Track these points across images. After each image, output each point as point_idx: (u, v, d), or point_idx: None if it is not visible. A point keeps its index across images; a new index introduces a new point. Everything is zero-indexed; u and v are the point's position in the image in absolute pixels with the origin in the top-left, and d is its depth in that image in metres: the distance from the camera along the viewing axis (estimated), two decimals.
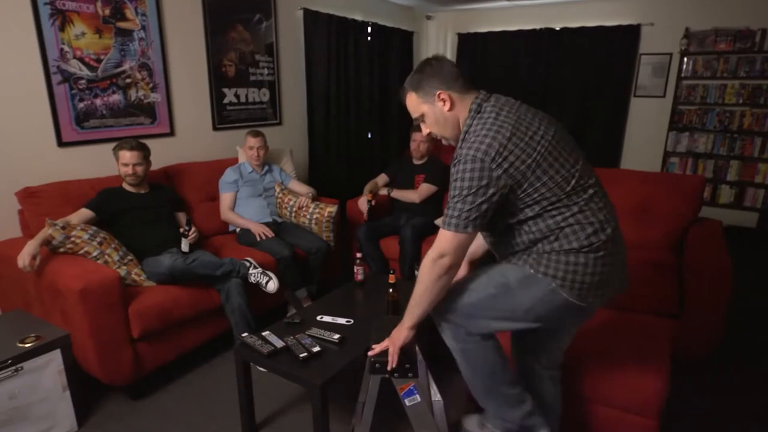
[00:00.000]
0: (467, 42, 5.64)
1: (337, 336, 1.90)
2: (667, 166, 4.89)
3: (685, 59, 4.62)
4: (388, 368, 1.50)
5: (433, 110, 1.45)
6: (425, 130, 1.53)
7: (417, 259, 3.11)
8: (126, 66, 2.87)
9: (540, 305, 1.40)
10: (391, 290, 2.08)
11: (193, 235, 2.58)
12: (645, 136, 4.98)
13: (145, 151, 2.57)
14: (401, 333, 1.50)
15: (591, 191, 1.36)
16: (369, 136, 5.02)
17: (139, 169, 2.54)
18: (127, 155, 2.50)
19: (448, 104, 1.42)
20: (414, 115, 1.51)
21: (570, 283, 1.35)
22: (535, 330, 1.51)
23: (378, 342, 1.58)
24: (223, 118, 3.54)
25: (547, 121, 1.39)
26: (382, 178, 3.54)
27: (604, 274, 1.36)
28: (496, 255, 1.57)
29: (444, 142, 1.53)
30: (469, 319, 1.51)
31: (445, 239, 1.37)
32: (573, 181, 1.34)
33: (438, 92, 1.42)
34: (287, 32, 3.97)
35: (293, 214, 3.17)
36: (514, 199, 1.34)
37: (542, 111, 1.45)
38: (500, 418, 1.64)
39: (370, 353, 1.56)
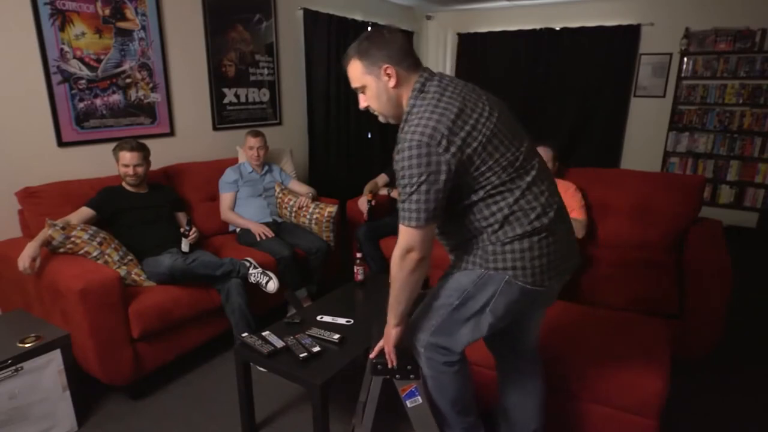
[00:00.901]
0: (467, 42, 5.64)
1: (337, 336, 1.90)
2: (667, 166, 4.89)
3: (685, 59, 4.62)
4: (389, 367, 1.50)
5: (376, 84, 1.36)
6: (362, 104, 1.44)
7: None
8: (126, 66, 2.87)
9: (501, 300, 1.38)
10: None
11: (193, 235, 2.58)
12: (645, 136, 4.98)
13: (145, 152, 2.57)
14: (389, 332, 1.50)
15: (534, 173, 1.34)
16: (369, 136, 5.02)
17: (140, 170, 2.54)
18: (127, 156, 2.50)
19: (393, 80, 1.34)
20: (354, 84, 1.40)
21: (522, 270, 1.33)
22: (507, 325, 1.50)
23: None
24: (223, 118, 3.54)
25: (492, 102, 1.35)
26: (382, 178, 3.54)
27: (551, 254, 1.35)
28: (445, 248, 1.54)
29: (381, 119, 1.46)
30: (449, 335, 1.48)
31: (409, 235, 1.30)
32: (517, 164, 1.31)
33: (385, 66, 1.33)
34: (287, 32, 3.97)
35: (293, 214, 3.17)
36: (462, 183, 1.30)
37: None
38: None
39: (371, 355, 1.55)
